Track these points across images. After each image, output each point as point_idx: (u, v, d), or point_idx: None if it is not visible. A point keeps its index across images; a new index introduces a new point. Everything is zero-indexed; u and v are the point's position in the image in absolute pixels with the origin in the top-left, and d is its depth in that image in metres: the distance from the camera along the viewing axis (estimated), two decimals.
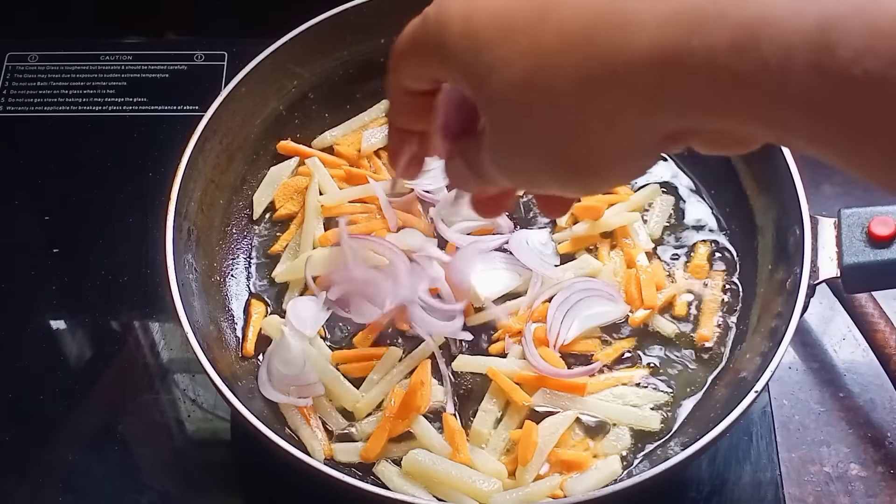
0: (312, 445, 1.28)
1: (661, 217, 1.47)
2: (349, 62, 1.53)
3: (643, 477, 1.16)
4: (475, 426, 1.29)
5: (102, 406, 1.44)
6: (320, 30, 1.47)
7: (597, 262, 1.42)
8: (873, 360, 1.44)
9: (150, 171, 1.59)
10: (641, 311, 1.37)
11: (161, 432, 1.43)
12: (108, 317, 1.51)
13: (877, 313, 1.44)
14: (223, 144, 1.43)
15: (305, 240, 1.43)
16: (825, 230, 1.29)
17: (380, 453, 1.27)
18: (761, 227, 1.41)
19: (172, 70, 1.73)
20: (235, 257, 1.45)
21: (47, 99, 1.70)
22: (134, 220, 1.57)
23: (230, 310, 1.41)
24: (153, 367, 1.47)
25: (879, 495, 1.41)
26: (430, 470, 1.25)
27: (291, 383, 1.31)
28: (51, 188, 1.61)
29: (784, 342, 1.22)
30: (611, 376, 1.34)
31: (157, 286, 1.49)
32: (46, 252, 1.55)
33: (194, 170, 1.37)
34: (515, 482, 1.26)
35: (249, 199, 1.49)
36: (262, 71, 1.45)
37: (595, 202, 1.44)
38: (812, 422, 1.47)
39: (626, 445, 1.30)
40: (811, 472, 1.43)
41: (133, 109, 1.69)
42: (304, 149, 1.51)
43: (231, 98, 1.42)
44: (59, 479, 1.37)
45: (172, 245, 1.29)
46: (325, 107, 1.55)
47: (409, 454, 1.26)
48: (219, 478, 1.41)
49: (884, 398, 1.48)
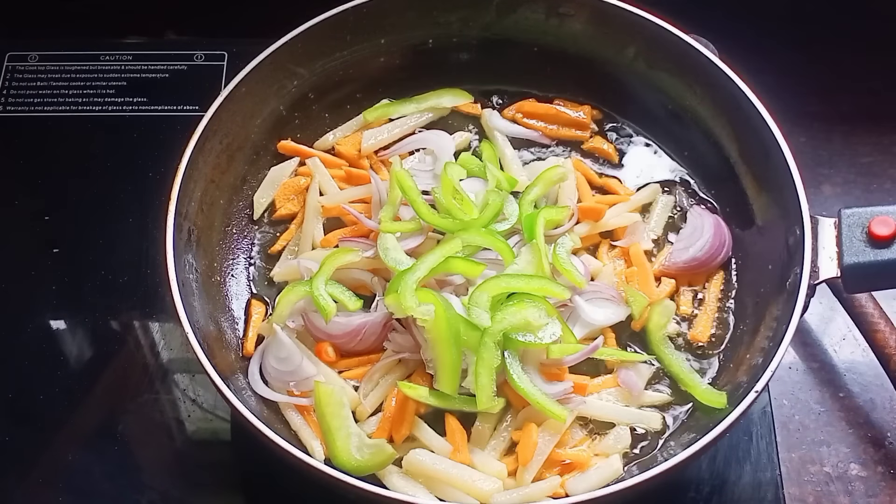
0: (312, 445, 1.28)
1: (662, 216, 1.47)
2: (349, 62, 1.54)
3: (644, 477, 1.16)
4: (476, 426, 1.29)
5: (102, 406, 1.44)
6: (320, 30, 1.48)
7: (597, 262, 1.42)
8: (873, 360, 1.44)
9: (150, 171, 1.59)
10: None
11: (161, 432, 1.43)
12: (108, 317, 1.51)
13: (877, 313, 1.44)
14: (223, 144, 1.43)
15: (305, 240, 1.43)
16: (825, 230, 1.30)
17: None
18: (761, 226, 1.41)
19: (172, 70, 1.73)
20: (236, 257, 1.45)
21: (47, 99, 1.70)
22: (134, 220, 1.57)
23: (230, 310, 1.41)
24: (153, 367, 1.47)
25: (879, 495, 1.41)
26: (430, 470, 1.25)
27: (289, 379, 1.31)
28: (51, 188, 1.61)
29: (784, 342, 1.22)
30: (611, 377, 1.34)
31: (157, 286, 1.49)
32: (46, 252, 1.55)
33: (194, 170, 1.37)
34: (515, 482, 1.27)
35: (249, 199, 1.49)
36: (262, 71, 1.45)
37: (596, 203, 1.44)
38: (812, 422, 1.47)
39: (626, 445, 1.30)
40: (811, 472, 1.43)
41: (133, 109, 1.69)
42: (304, 149, 1.51)
43: (231, 98, 1.42)
44: (59, 479, 1.37)
45: (172, 245, 1.29)
46: (325, 107, 1.55)
47: (410, 454, 1.26)
48: (219, 478, 1.41)
49: (884, 398, 1.48)
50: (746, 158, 1.43)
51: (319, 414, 1.26)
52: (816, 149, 1.72)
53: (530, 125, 1.55)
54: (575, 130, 1.55)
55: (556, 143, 1.54)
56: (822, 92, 1.76)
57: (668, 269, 1.42)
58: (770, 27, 1.80)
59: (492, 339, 1.24)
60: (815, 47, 1.80)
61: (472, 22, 1.54)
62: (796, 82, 1.73)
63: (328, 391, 1.26)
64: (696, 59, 1.44)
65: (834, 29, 1.82)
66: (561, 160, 1.50)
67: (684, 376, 1.33)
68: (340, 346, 1.34)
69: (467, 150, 1.53)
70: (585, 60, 1.54)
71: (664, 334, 1.36)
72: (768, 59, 1.59)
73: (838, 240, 1.28)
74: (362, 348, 1.34)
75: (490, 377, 1.24)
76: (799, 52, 1.78)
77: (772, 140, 1.35)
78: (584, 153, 1.53)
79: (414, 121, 1.54)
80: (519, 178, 1.45)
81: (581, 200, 1.45)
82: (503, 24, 1.54)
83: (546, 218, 1.37)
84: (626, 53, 1.51)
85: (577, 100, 1.56)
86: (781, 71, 1.66)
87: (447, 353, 1.24)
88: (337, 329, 1.33)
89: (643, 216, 1.47)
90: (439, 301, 1.25)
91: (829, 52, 1.80)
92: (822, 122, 1.74)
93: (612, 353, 1.34)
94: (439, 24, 1.54)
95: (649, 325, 1.36)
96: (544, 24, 1.53)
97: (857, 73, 1.79)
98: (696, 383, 1.32)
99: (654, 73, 1.50)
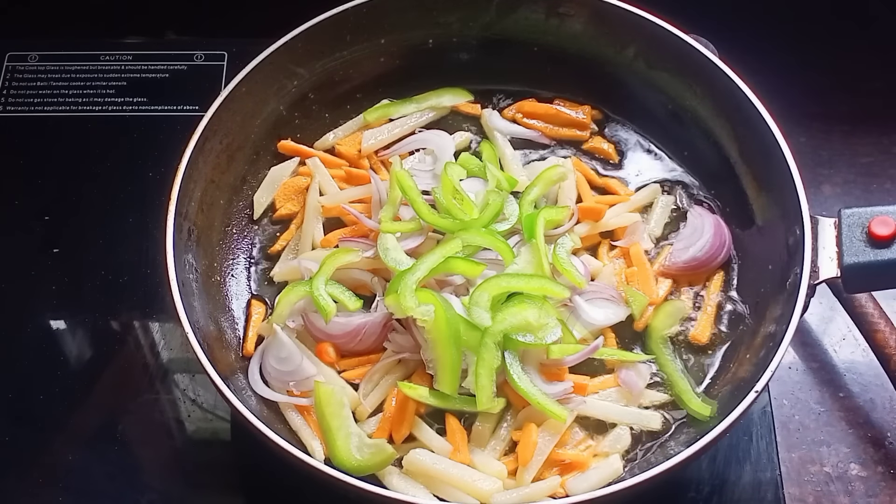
0: (312, 445, 1.28)
1: (662, 216, 1.47)
2: (349, 62, 1.53)
3: (643, 477, 1.16)
4: (476, 426, 1.29)
5: (102, 406, 1.44)
6: (320, 30, 1.48)
7: (597, 262, 1.42)
8: (873, 360, 1.44)
9: (150, 171, 1.59)
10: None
11: (161, 432, 1.43)
12: (108, 317, 1.51)
13: (877, 313, 1.44)
14: (223, 144, 1.43)
15: (305, 240, 1.43)
16: (825, 230, 1.30)
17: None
18: (761, 226, 1.41)
19: (172, 70, 1.73)
20: (236, 257, 1.45)
21: (47, 99, 1.70)
22: (134, 220, 1.57)
23: (230, 310, 1.41)
24: (153, 367, 1.47)
25: (879, 495, 1.41)
26: (430, 470, 1.25)
27: (289, 379, 1.31)
28: (51, 188, 1.61)
29: (784, 342, 1.22)
30: (611, 377, 1.34)
31: (157, 286, 1.49)
32: (46, 252, 1.55)
33: (194, 170, 1.37)
34: (516, 482, 1.27)
35: (249, 199, 1.49)
36: (262, 71, 1.45)
37: (596, 203, 1.44)
38: (812, 422, 1.47)
39: (625, 445, 1.30)
40: (811, 472, 1.43)
41: (133, 109, 1.69)
42: (304, 149, 1.51)
43: (231, 98, 1.42)
44: (59, 479, 1.37)
45: (172, 245, 1.29)
46: (325, 107, 1.55)
47: (410, 454, 1.26)
48: (219, 478, 1.41)
49: (884, 398, 1.48)
50: (746, 158, 1.43)
51: (319, 414, 1.26)
52: (816, 149, 1.72)
53: (530, 125, 1.55)
54: (575, 130, 1.55)
55: (556, 143, 1.54)
56: (822, 92, 1.76)
57: (668, 270, 1.42)
58: (770, 27, 1.80)
59: (492, 339, 1.24)
60: (815, 47, 1.80)
61: (472, 22, 1.54)
62: (796, 82, 1.73)
63: (328, 391, 1.26)
64: (696, 59, 1.44)
65: (833, 29, 1.82)
66: (561, 160, 1.50)
67: (676, 379, 1.33)
68: (340, 346, 1.34)
69: (467, 150, 1.53)
70: (585, 60, 1.54)
71: (665, 334, 1.36)
72: (768, 59, 1.59)
73: (838, 240, 1.28)
74: (362, 348, 1.34)
75: (490, 377, 1.24)
76: (799, 52, 1.78)
77: (772, 140, 1.35)
78: (584, 153, 1.53)
79: (414, 121, 1.54)
80: (519, 178, 1.45)
81: (581, 200, 1.45)
82: (503, 24, 1.54)
83: (546, 218, 1.37)
84: (626, 53, 1.51)
85: (577, 100, 1.56)
86: (781, 71, 1.66)
87: (447, 353, 1.24)
88: (337, 329, 1.33)
89: (643, 216, 1.47)
90: (439, 301, 1.25)
91: (828, 52, 1.80)
92: (822, 122, 1.74)
93: (612, 353, 1.34)
94: (439, 24, 1.54)
95: (654, 322, 1.37)
96: (544, 24, 1.53)
97: (857, 73, 1.79)
98: (685, 388, 1.32)
99: (654, 73, 1.50)
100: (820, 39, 1.80)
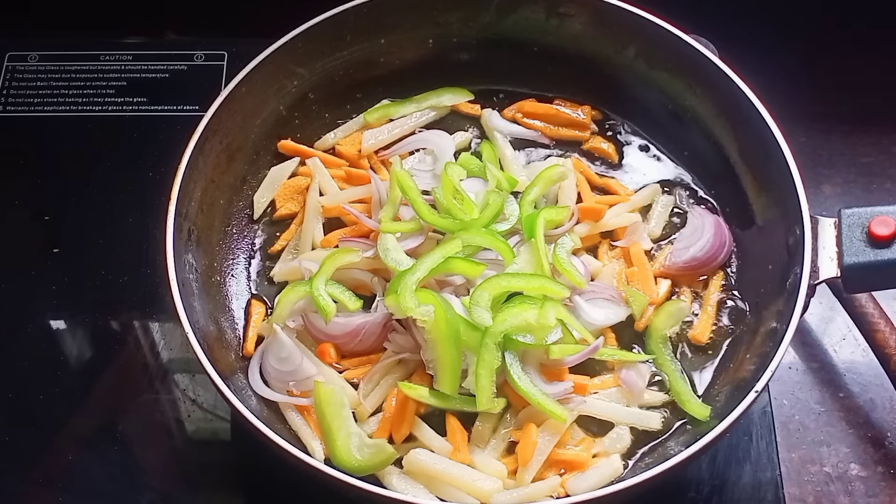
0: (312, 445, 1.28)
1: (662, 216, 1.47)
2: (349, 62, 1.53)
3: (643, 477, 1.16)
4: (476, 426, 1.29)
5: (102, 406, 1.44)
6: (320, 30, 1.48)
7: (597, 262, 1.42)
8: (873, 360, 1.44)
9: (150, 171, 1.59)
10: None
11: (161, 432, 1.43)
12: (108, 317, 1.51)
13: (877, 313, 1.44)
14: (223, 144, 1.43)
15: (305, 240, 1.43)
16: (825, 230, 1.30)
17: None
18: (761, 226, 1.41)
19: (172, 70, 1.73)
20: (236, 257, 1.45)
21: (47, 99, 1.70)
22: (134, 220, 1.57)
23: (230, 310, 1.41)
24: (153, 367, 1.47)
25: (879, 495, 1.41)
26: (430, 470, 1.25)
27: (289, 379, 1.31)
28: (51, 188, 1.61)
29: (784, 342, 1.22)
30: (611, 377, 1.34)
31: (157, 286, 1.49)
32: (46, 252, 1.55)
33: (194, 170, 1.37)
34: (516, 482, 1.27)
35: (249, 199, 1.49)
36: (262, 71, 1.45)
37: (596, 203, 1.44)
38: (812, 422, 1.47)
39: (625, 445, 1.30)
40: (811, 472, 1.43)
41: (133, 109, 1.69)
42: (304, 149, 1.51)
43: (231, 98, 1.42)
44: (59, 479, 1.37)
45: (172, 245, 1.29)
46: (325, 107, 1.55)
47: (410, 454, 1.26)
48: (219, 478, 1.41)
49: (884, 398, 1.48)
50: (746, 158, 1.43)
51: (319, 414, 1.26)
52: (816, 149, 1.72)
53: (530, 125, 1.55)
54: (575, 130, 1.55)
55: (556, 144, 1.54)
56: (822, 92, 1.76)
57: (668, 270, 1.42)
58: (770, 27, 1.80)
59: (492, 339, 1.24)
60: (815, 47, 1.80)
61: (472, 22, 1.54)
62: (796, 82, 1.73)
63: (328, 391, 1.26)
64: (696, 59, 1.45)
65: (833, 29, 1.82)
66: (561, 160, 1.50)
67: (674, 380, 1.33)
68: (340, 346, 1.34)
69: (467, 150, 1.53)
70: (585, 60, 1.54)
71: (665, 334, 1.36)
72: (768, 59, 1.59)
73: (838, 240, 1.28)
74: (362, 349, 1.34)
75: (490, 378, 1.24)
76: (798, 51, 1.78)
77: (772, 140, 1.35)
78: (583, 153, 1.54)
79: (414, 121, 1.54)
80: (519, 178, 1.45)
81: (581, 200, 1.45)
82: (503, 24, 1.54)
83: (546, 218, 1.37)
84: (626, 53, 1.51)
85: (577, 100, 1.56)
86: (781, 71, 1.66)
87: (447, 353, 1.24)
88: (337, 329, 1.33)
89: (643, 216, 1.47)
90: (439, 302, 1.25)
91: (829, 52, 1.80)
92: (822, 122, 1.74)
93: (613, 353, 1.34)
94: (439, 24, 1.54)
95: (655, 321, 1.37)
96: (544, 24, 1.53)
97: (856, 73, 1.79)
98: (682, 390, 1.32)
99: (654, 73, 1.50)
100: (820, 39, 1.80)
